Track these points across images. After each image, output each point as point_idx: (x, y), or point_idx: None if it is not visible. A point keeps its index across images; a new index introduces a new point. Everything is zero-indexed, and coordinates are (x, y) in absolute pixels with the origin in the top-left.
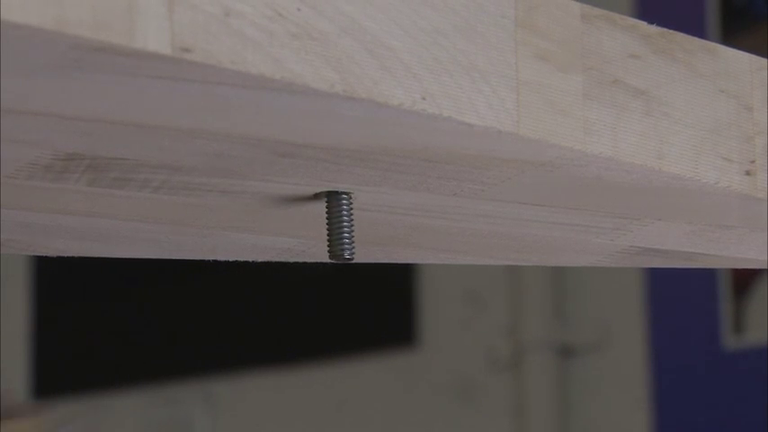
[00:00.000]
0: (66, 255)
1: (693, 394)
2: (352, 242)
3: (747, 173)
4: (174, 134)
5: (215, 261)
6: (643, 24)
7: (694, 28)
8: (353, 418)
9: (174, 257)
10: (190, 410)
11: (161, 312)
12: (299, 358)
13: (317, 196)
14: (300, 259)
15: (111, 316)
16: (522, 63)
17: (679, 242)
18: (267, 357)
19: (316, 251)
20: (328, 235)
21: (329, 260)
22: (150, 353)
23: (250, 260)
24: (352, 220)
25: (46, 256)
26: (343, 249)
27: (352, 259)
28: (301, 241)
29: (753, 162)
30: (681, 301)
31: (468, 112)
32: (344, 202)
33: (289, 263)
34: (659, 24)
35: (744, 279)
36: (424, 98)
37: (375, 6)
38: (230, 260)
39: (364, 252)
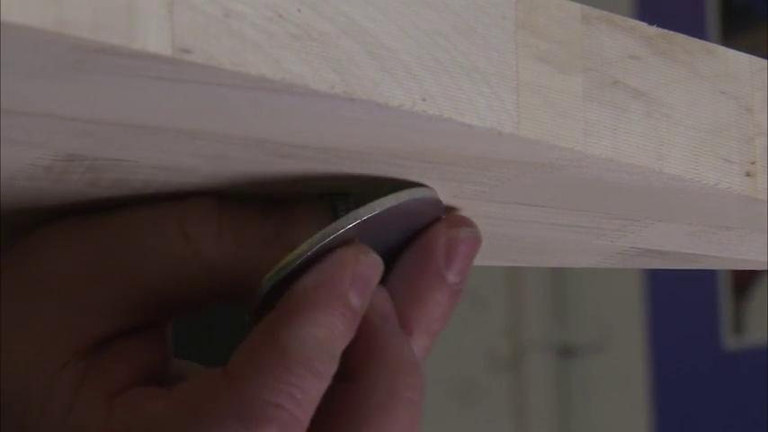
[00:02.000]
0: None
1: (693, 394)
2: None
3: (748, 174)
4: (175, 135)
5: None
6: (643, 25)
7: (694, 28)
8: None
9: None
10: None
11: None
12: None
13: (317, 198)
14: None
15: None
16: (523, 64)
17: (679, 243)
18: None
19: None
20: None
21: None
22: None
23: None
24: None
25: None
26: None
27: None
28: None
29: (753, 163)
30: (681, 302)
31: (469, 113)
32: (344, 203)
33: None
34: (659, 25)
35: (744, 279)
36: (424, 99)
37: (375, 7)
38: None
39: None
